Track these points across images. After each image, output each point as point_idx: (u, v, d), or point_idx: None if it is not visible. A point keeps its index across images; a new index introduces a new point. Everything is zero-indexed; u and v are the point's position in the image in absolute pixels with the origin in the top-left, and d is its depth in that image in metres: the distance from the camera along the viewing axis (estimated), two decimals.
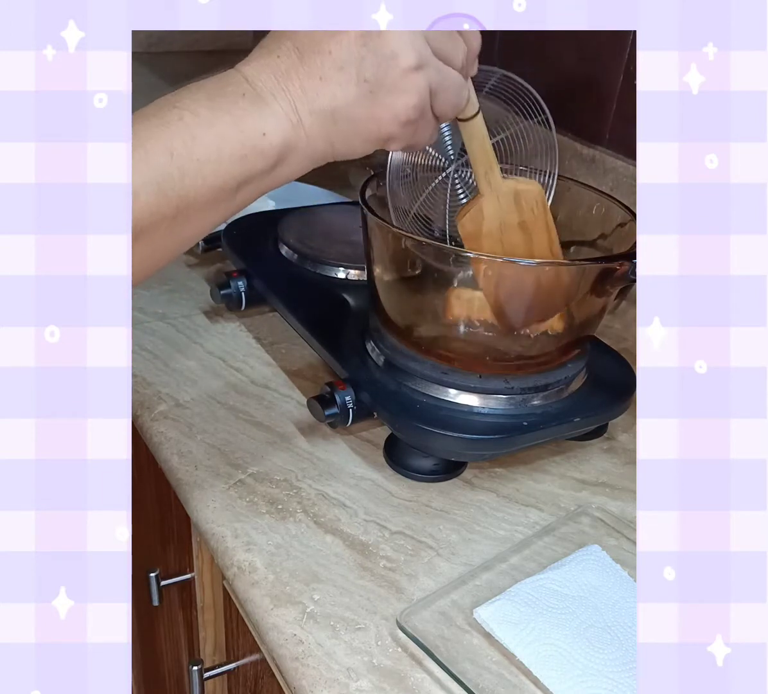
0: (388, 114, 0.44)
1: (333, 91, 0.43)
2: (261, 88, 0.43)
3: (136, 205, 0.39)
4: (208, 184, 0.42)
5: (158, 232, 0.41)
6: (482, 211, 0.59)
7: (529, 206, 0.59)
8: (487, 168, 0.57)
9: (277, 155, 0.44)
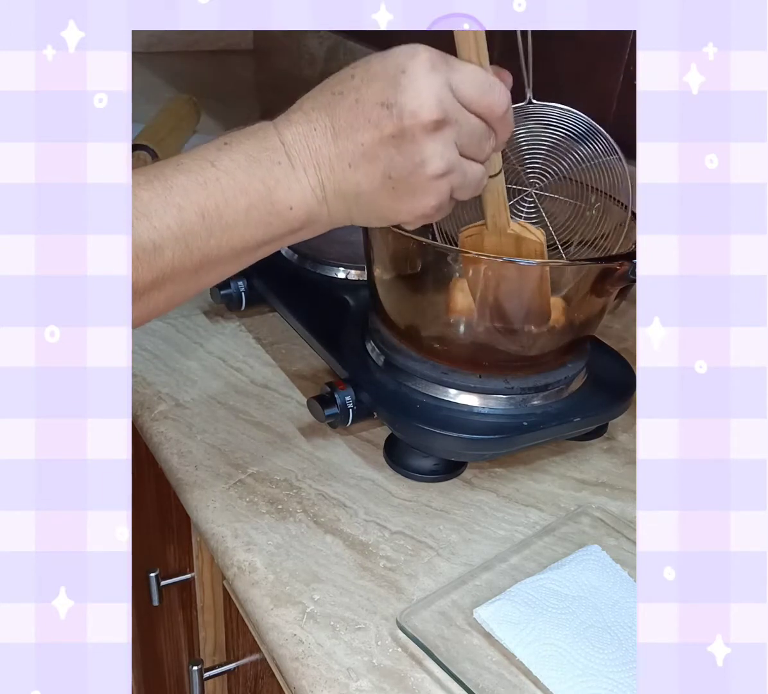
0: (406, 208, 0.47)
1: (359, 179, 0.45)
2: (295, 159, 0.44)
3: (163, 261, 0.41)
4: (232, 244, 0.44)
5: (178, 282, 0.43)
6: (483, 240, 0.59)
7: (527, 254, 0.59)
8: (496, 212, 0.57)
9: (299, 225, 0.47)
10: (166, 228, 0.41)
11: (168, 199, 0.41)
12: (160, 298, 0.43)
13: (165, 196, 0.41)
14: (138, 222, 0.40)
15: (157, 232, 0.40)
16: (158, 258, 0.41)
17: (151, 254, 0.41)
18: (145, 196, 0.41)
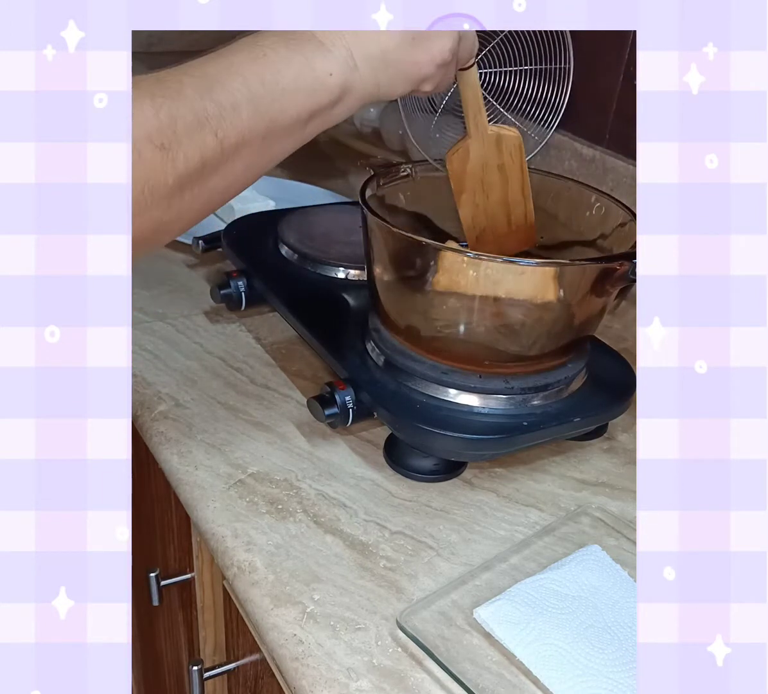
0: (427, 56, 0.52)
1: (381, 38, 0.50)
2: (322, 37, 0.49)
3: (240, 122, 0.46)
4: (289, 111, 0.48)
5: (251, 150, 0.48)
6: (468, 151, 0.66)
7: (508, 150, 0.67)
8: (476, 112, 0.64)
9: (339, 93, 0.50)
10: (237, 91, 0.46)
11: (232, 70, 0.46)
12: (238, 167, 0.47)
13: (229, 69, 0.46)
14: (214, 88, 0.45)
15: (232, 95, 0.45)
16: (237, 118, 0.45)
17: (231, 114, 0.45)
18: (212, 70, 0.46)
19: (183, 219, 0.47)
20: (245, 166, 0.48)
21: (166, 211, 0.44)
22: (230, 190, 0.49)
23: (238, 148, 0.46)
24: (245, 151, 0.47)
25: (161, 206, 0.44)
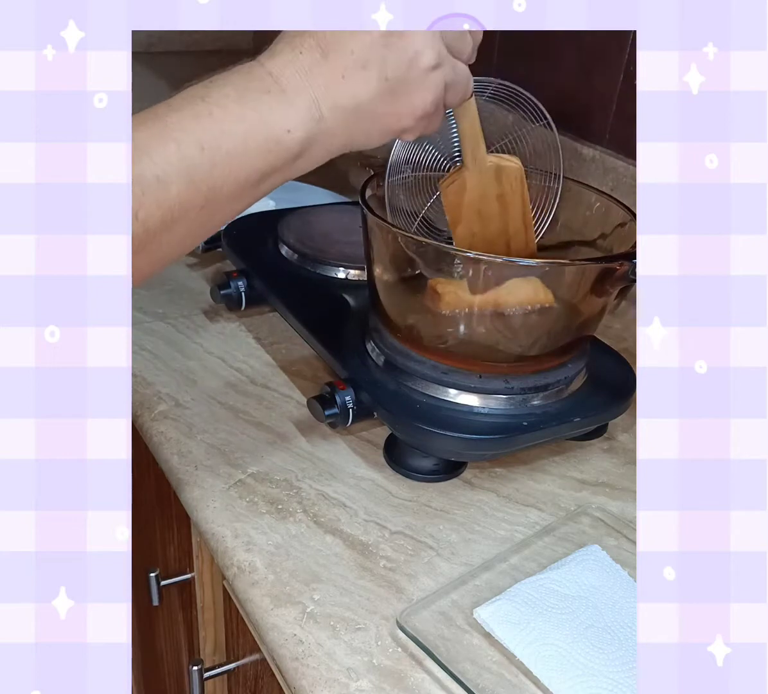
0: (407, 110, 0.47)
1: (355, 89, 0.45)
2: (285, 85, 0.44)
3: (169, 196, 0.41)
4: (234, 176, 0.43)
5: (186, 222, 0.43)
6: (465, 184, 0.62)
7: (509, 181, 0.62)
8: (474, 145, 0.59)
9: (299, 149, 0.45)
10: (167, 163, 0.41)
11: (165, 135, 0.41)
12: (171, 241, 0.43)
13: (161, 134, 0.41)
14: (139, 160, 0.40)
15: (159, 167, 0.40)
16: (164, 193, 0.41)
17: (156, 190, 0.40)
18: (142, 136, 0.40)
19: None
20: (179, 240, 0.43)
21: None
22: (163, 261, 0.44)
23: (166, 225, 0.41)
24: (178, 226, 0.42)
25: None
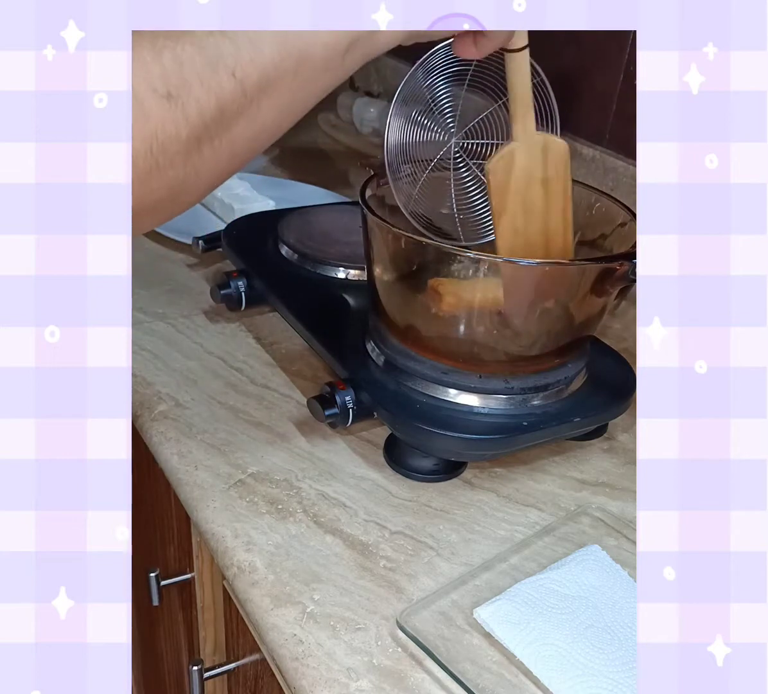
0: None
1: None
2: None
3: (262, 57, 0.40)
4: (323, 40, 0.42)
5: (282, 89, 0.41)
6: (514, 159, 0.57)
7: (554, 163, 0.58)
8: (525, 110, 0.55)
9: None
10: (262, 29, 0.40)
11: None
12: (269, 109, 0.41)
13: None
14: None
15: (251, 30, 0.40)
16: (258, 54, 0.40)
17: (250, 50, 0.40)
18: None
19: (205, 176, 0.41)
20: (275, 110, 0.42)
21: (182, 170, 0.39)
22: (259, 139, 0.43)
23: (263, 88, 0.40)
24: (273, 91, 0.41)
25: (176, 165, 0.39)
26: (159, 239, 0.96)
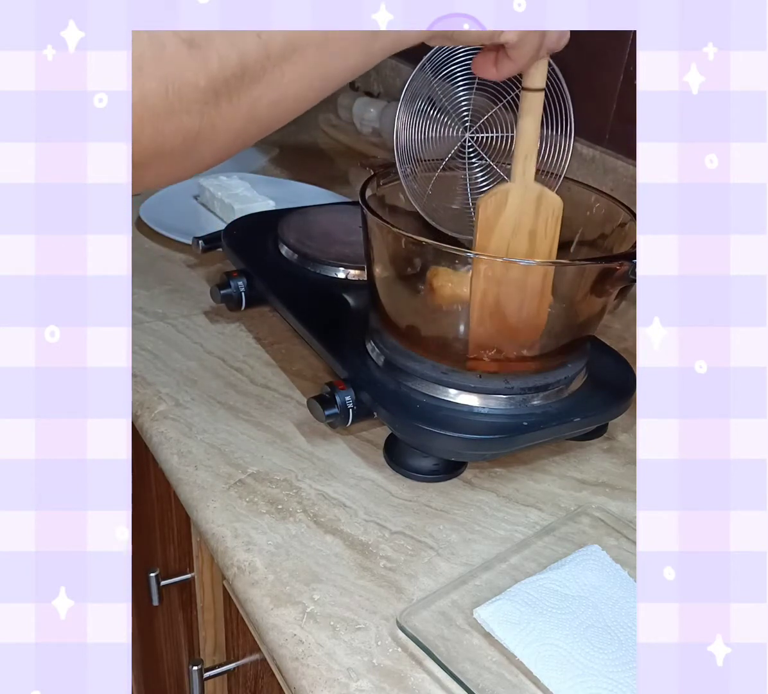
0: None
1: None
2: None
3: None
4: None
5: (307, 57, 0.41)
6: (506, 199, 0.58)
7: (545, 216, 0.59)
8: (528, 152, 0.56)
9: None
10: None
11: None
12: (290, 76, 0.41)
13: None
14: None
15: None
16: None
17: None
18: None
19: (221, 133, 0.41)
20: (299, 79, 0.41)
21: (197, 119, 0.39)
22: (280, 106, 0.42)
23: (286, 55, 0.40)
24: (298, 58, 0.40)
25: (192, 112, 0.38)
26: (159, 239, 0.96)
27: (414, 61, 0.62)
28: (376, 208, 0.63)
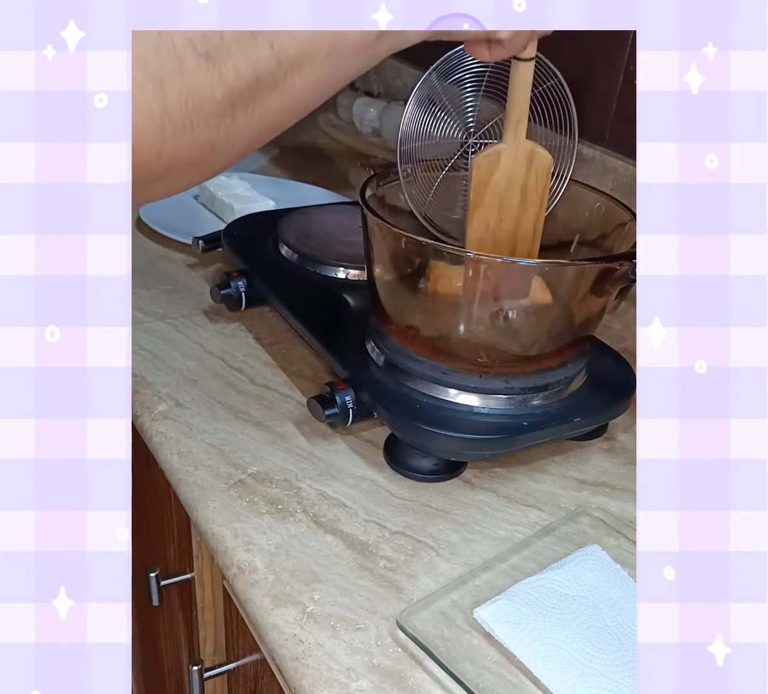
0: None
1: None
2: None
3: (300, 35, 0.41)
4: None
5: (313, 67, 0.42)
6: (499, 159, 0.61)
7: (536, 172, 0.62)
8: (520, 116, 0.59)
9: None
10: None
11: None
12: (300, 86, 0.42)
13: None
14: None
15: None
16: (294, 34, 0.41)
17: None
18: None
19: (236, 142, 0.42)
20: (307, 86, 0.43)
21: (215, 131, 0.40)
22: (289, 111, 0.44)
23: (297, 64, 0.41)
24: (306, 68, 0.42)
25: (210, 125, 0.39)
26: (159, 239, 0.96)
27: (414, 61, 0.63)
28: (376, 208, 0.63)
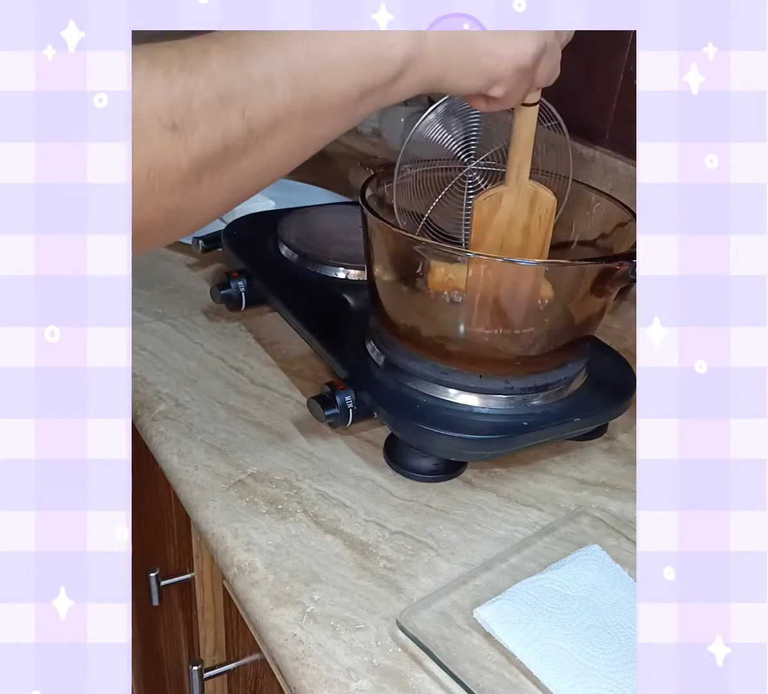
0: (508, 53, 0.48)
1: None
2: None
3: (274, 99, 0.41)
4: (337, 87, 0.43)
5: (288, 131, 0.42)
6: (500, 200, 0.61)
7: (540, 213, 0.62)
8: (522, 160, 0.59)
9: (399, 67, 0.44)
10: (273, 64, 0.40)
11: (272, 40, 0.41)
12: (273, 149, 0.42)
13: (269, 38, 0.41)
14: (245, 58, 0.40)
15: (266, 68, 0.40)
16: (270, 95, 0.40)
17: (262, 90, 0.40)
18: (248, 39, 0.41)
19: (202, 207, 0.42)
20: (281, 150, 0.43)
21: (180, 199, 0.40)
22: (264, 175, 0.44)
23: (270, 130, 0.41)
24: (280, 133, 0.42)
25: (174, 193, 0.39)
26: None
27: None
28: (376, 208, 0.63)
